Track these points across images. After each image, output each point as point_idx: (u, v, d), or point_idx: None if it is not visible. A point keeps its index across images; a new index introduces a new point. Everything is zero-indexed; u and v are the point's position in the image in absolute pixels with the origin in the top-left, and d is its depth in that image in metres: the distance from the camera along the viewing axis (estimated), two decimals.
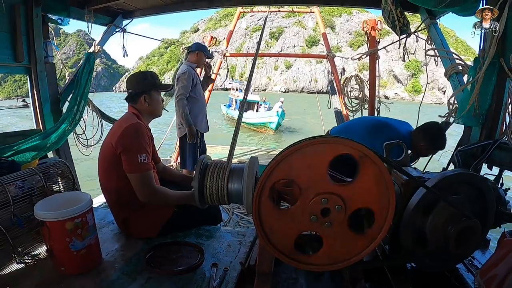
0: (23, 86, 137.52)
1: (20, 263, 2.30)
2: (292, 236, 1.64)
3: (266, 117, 25.50)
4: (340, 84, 6.69)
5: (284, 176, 1.56)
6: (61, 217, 2.03)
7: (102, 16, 4.58)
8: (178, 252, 2.44)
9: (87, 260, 2.20)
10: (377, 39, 5.60)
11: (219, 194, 1.83)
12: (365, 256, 1.65)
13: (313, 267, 1.68)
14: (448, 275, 2.06)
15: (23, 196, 2.39)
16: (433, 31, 3.69)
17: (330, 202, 1.52)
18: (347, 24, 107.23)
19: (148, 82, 2.70)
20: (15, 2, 3.41)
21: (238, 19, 8.10)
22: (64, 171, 2.81)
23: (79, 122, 4.14)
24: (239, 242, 2.62)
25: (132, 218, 2.63)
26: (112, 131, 2.60)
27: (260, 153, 8.79)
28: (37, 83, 3.78)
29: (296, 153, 1.52)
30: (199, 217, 2.83)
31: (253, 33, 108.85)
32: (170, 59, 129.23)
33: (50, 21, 3.98)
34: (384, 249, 2.03)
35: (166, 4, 4.81)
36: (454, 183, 1.77)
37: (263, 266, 1.84)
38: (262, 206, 1.60)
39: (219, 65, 7.48)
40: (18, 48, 3.50)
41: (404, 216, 1.73)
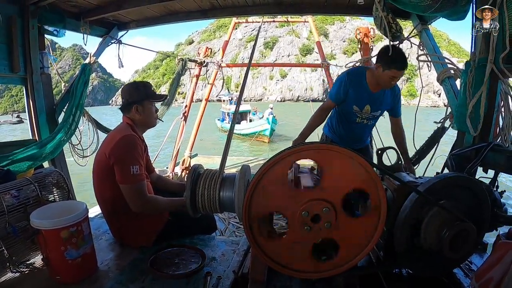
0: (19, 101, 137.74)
1: (15, 272, 2.30)
2: (307, 253, 1.66)
3: (258, 125, 25.94)
4: None
5: (262, 211, 1.62)
6: (56, 225, 2.04)
7: (97, 28, 4.61)
8: (181, 256, 2.48)
9: (82, 269, 2.21)
10: (370, 46, 5.66)
11: (211, 203, 1.84)
12: (380, 236, 1.65)
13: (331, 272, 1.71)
14: (445, 281, 2.05)
15: (18, 205, 2.38)
16: (424, 37, 3.74)
17: (312, 210, 1.56)
18: (340, 32, 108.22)
19: (140, 92, 2.70)
20: (11, 14, 3.43)
21: (233, 29, 8.16)
22: (59, 181, 2.81)
23: (75, 132, 4.14)
24: (233, 251, 2.61)
25: (127, 227, 2.63)
26: (106, 142, 2.60)
27: (257, 163, 8.81)
28: (33, 94, 3.78)
29: (256, 189, 1.58)
30: (194, 226, 2.83)
31: (247, 43, 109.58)
32: (166, 71, 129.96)
33: (46, 32, 3.99)
34: (378, 255, 2.04)
35: (161, 16, 4.84)
36: (447, 187, 1.77)
37: (256, 274, 1.85)
38: (256, 236, 1.63)
39: (215, 76, 7.51)
40: (14, 59, 3.51)
41: (398, 221, 1.74)
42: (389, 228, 1.73)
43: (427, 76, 32.47)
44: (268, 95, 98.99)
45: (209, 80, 7.43)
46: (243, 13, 5.02)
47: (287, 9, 4.82)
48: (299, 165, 2.12)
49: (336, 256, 1.68)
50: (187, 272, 2.25)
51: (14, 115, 50.29)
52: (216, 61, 7.43)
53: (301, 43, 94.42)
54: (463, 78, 2.87)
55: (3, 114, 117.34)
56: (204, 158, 9.01)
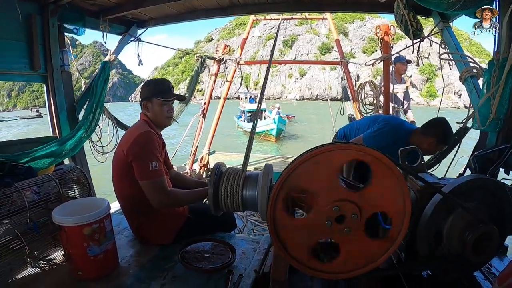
0: (40, 96, 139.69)
1: (35, 267, 2.33)
2: (308, 244, 1.63)
3: (265, 125, 26.07)
4: (354, 90, 6.66)
5: (298, 184, 1.56)
6: (79, 222, 2.07)
7: (117, 26, 4.64)
8: (212, 250, 2.52)
9: (104, 265, 2.24)
10: (391, 44, 5.57)
11: (233, 201, 1.82)
12: (383, 262, 1.62)
13: (329, 275, 1.67)
14: (465, 284, 2.00)
15: (39, 201, 2.42)
16: (446, 35, 3.63)
17: (344, 209, 1.52)
18: (360, 30, 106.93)
19: (149, 89, 2.69)
20: (31, 12, 3.48)
21: (251, 27, 8.13)
22: (80, 178, 2.85)
23: (95, 129, 4.18)
24: (254, 249, 2.61)
25: (147, 224, 2.65)
26: (124, 139, 2.62)
27: (275, 161, 8.79)
28: (53, 92, 3.83)
29: (308, 161, 1.51)
30: (214, 224, 2.84)
31: (266, 41, 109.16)
32: (185, 68, 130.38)
33: (66, 30, 4.04)
34: (400, 257, 2.00)
35: (179, 13, 4.84)
36: (471, 189, 1.73)
37: (278, 273, 1.81)
38: (277, 214, 1.59)
39: (233, 73, 7.50)
40: (34, 57, 3.56)
41: (420, 222, 1.70)
42: (411, 230, 1.69)
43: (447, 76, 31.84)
44: (287, 93, 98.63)
45: (228, 78, 7.42)
46: (262, 10, 4.99)
47: (307, 6, 4.77)
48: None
49: (329, 262, 1.67)
50: (217, 267, 2.30)
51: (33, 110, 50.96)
52: (234, 58, 7.41)
53: (320, 42, 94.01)
54: (486, 78, 2.79)
55: (24, 108, 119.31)
56: (222, 155, 9.01)
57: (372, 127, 3.54)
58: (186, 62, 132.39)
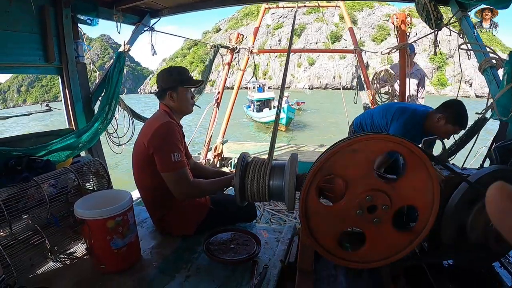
0: (50, 91, 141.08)
1: (56, 261, 2.32)
2: (337, 232, 1.63)
3: (274, 114, 25.86)
4: (369, 79, 6.56)
5: (333, 172, 1.54)
6: (102, 215, 2.05)
7: (130, 16, 4.58)
8: (237, 241, 2.48)
9: (127, 258, 2.22)
10: (407, 32, 5.47)
11: (260, 191, 1.80)
12: (407, 253, 1.63)
13: (355, 264, 1.67)
14: (484, 273, 2.01)
15: (59, 195, 2.39)
16: (465, 24, 3.55)
17: (376, 199, 1.51)
18: (369, 18, 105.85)
19: (174, 78, 2.63)
20: (44, 4, 3.43)
21: (264, 15, 8.04)
22: (99, 170, 2.83)
23: (111, 121, 4.15)
24: (276, 239, 2.59)
25: (168, 216, 2.62)
26: (143, 130, 2.57)
27: (288, 150, 8.79)
28: (68, 83, 3.79)
29: (345, 149, 1.50)
30: (235, 214, 2.81)
31: (275, 30, 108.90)
32: (193, 59, 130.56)
33: (80, 21, 3.99)
34: (423, 246, 2.01)
35: (194, 2, 4.77)
36: (496, 179, 1.66)
37: (305, 263, 1.81)
38: (309, 200, 1.58)
39: (246, 62, 7.43)
40: (49, 49, 3.52)
41: (446, 212, 1.68)
42: (436, 219, 1.65)
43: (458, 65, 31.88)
44: (296, 83, 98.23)
45: (241, 66, 7.36)
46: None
47: None
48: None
49: (354, 251, 1.67)
50: (244, 258, 2.26)
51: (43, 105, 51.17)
52: (248, 47, 7.34)
53: (329, 30, 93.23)
54: (507, 68, 2.75)
55: (34, 103, 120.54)
56: (235, 144, 8.99)
57: (386, 115, 3.53)
58: (194, 52, 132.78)
